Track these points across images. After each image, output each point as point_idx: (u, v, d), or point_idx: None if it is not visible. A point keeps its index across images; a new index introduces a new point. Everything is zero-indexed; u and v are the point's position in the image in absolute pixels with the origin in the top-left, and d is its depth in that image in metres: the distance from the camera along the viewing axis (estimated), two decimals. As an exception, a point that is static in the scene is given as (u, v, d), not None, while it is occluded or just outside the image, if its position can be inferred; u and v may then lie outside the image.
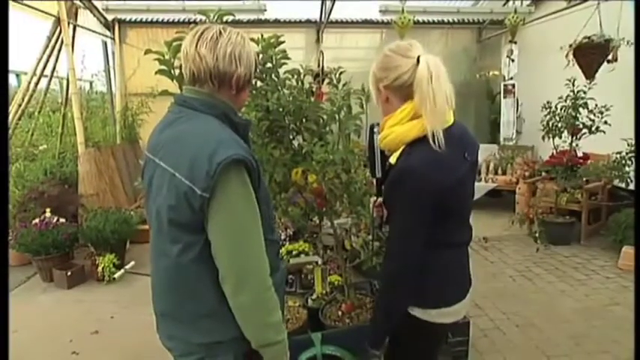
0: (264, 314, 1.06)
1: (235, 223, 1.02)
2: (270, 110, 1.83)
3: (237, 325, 1.07)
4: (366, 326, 2.02)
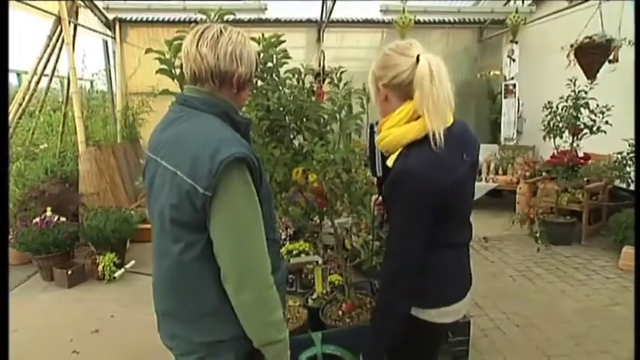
0: (265, 313, 1.07)
1: (237, 221, 1.02)
2: (271, 110, 1.82)
3: (239, 324, 1.07)
4: (367, 326, 2.04)
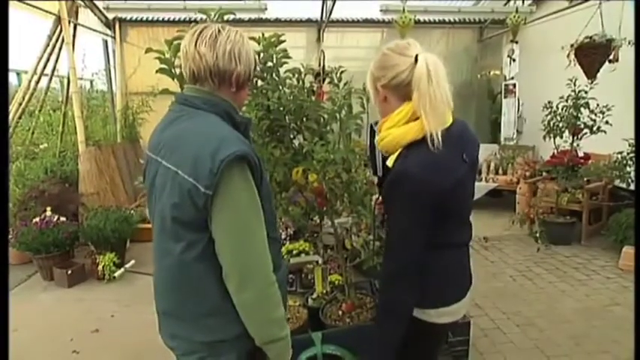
0: (268, 310, 1.07)
1: (239, 219, 1.02)
2: (271, 109, 1.82)
3: (241, 324, 1.08)
4: (367, 326, 2.04)
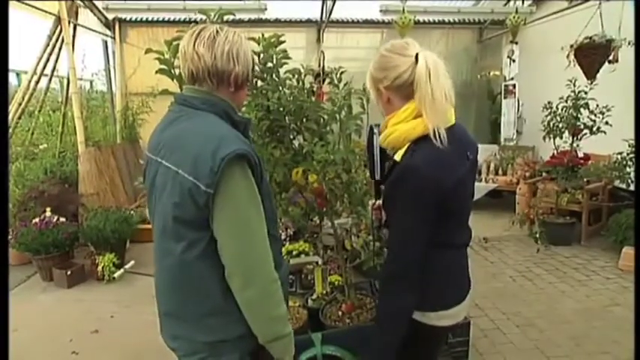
0: (271, 307, 1.07)
1: (240, 217, 1.03)
2: (271, 110, 1.82)
3: (243, 323, 1.08)
4: (367, 327, 2.04)
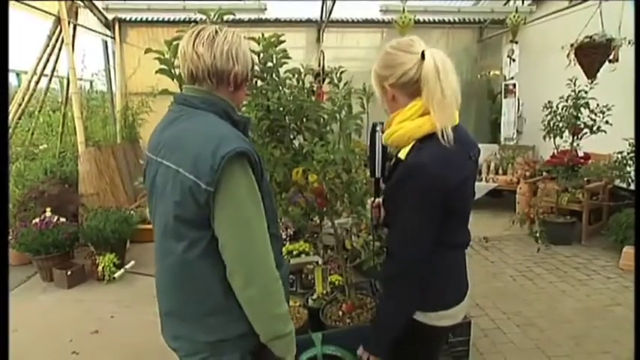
0: (272, 305, 1.08)
1: (241, 215, 1.03)
2: (271, 110, 1.82)
3: (244, 323, 1.08)
4: (367, 327, 2.03)
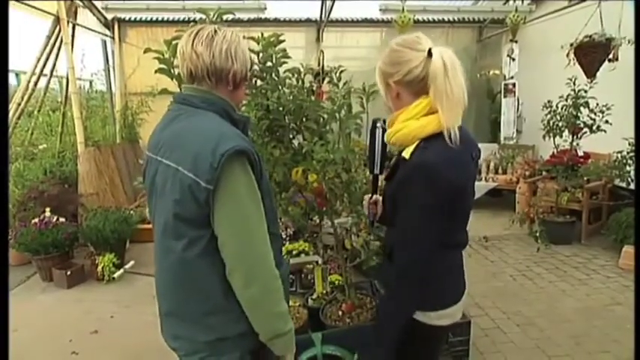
0: (272, 304, 1.08)
1: (241, 214, 1.03)
2: (270, 109, 1.82)
3: (243, 322, 1.08)
4: (367, 326, 2.03)
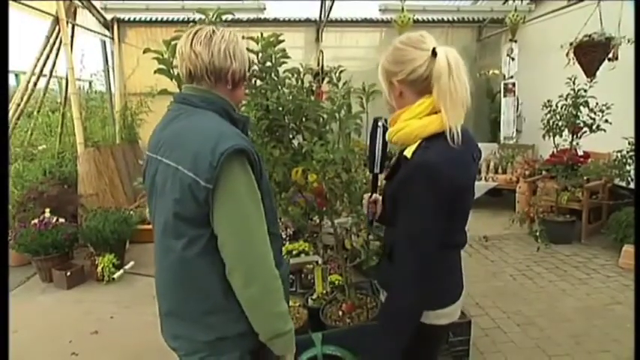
0: (272, 304, 1.08)
1: (240, 213, 1.03)
2: (270, 109, 1.82)
3: (243, 322, 1.08)
4: (367, 326, 2.03)
